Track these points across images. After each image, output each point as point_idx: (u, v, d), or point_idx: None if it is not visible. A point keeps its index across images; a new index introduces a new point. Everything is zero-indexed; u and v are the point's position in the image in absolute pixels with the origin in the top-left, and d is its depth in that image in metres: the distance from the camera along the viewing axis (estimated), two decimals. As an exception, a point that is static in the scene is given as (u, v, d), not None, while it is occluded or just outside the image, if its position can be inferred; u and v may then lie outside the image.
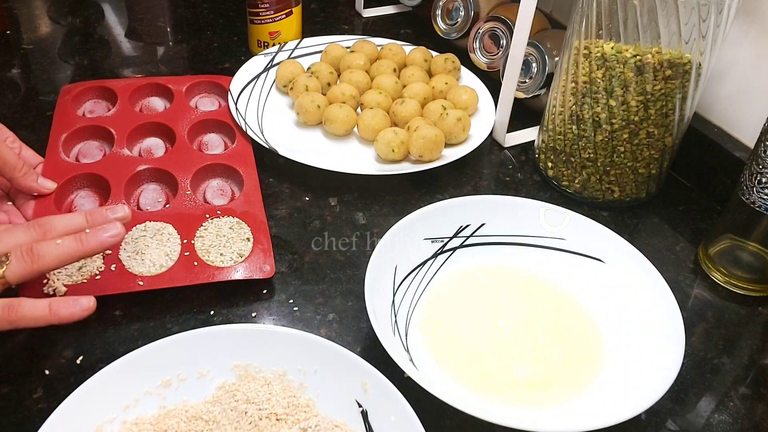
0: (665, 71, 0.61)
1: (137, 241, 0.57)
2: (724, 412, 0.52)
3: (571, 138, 0.68)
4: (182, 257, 0.57)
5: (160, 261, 0.56)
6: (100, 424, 0.44)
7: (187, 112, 0.74)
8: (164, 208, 0.62)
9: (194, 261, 0.57)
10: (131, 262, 0.56)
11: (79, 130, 0.70)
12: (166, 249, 0.57)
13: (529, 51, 0.76)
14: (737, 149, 0.69)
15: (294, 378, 0.48)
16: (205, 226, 0.60)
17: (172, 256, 0.57)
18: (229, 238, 0.59)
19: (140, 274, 0.55)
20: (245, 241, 0.59)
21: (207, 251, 0.58)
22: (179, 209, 0.62)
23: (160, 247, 0.57)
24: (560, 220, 0.61)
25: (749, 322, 0.60)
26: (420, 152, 0.69)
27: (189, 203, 0.63)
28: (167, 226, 0.60)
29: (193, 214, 0.61)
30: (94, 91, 0.76)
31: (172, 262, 0.56)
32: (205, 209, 0.62)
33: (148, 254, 0.56)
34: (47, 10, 0.98)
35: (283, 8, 0.86)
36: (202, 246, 0.58)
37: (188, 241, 0.59)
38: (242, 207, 0.63)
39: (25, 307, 0.46)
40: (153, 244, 0.57)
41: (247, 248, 0.59)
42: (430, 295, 0.58)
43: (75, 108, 0.74)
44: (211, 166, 0.67)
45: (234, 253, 0.58)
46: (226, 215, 0.62)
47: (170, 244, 0.58)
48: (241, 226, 0.61)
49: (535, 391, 0.51)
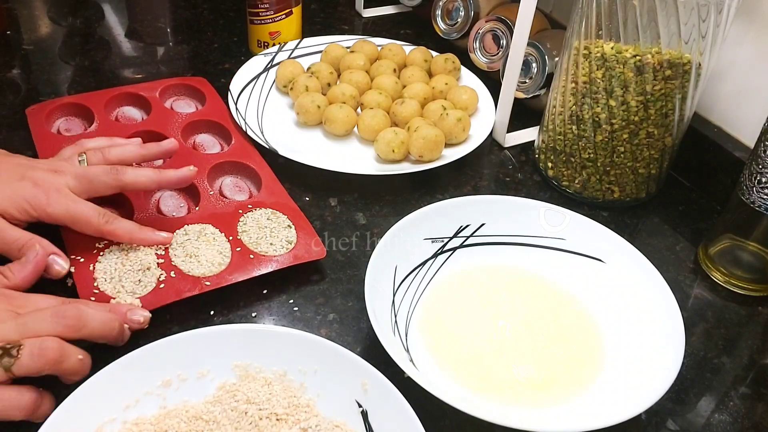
0: (665, 71, 0.61)
1: (185, 246, 0.57)
2: (724, 412, 0.52)
3: (571, 138, 0.68)
4: (235, 253, 0.58)
5: (217, 260, 0.57)
6: (101, 424, 0.44)
7: (171, 116, 0.74)
8: (196, 210, 0.62)
9: (249, 254, 0.58)
10: (188, 266, 0.56)
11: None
12: (218, 248, 0.58)
13: (529, 51, 0.76)
14: (737, 149, 0.69)
15: (294, 378, 0.48)
16: (244, 221, 0.61)
17: (225, 254, 0.57)
18: (272, 228, 0.61)
19: (203, 275, 0.55)
20: (288, 228, 0.61)
21: (257, 243, 0.59)
22: (212, 209, 0.62)
23: (210, 247, 0.58)
24: (560, 220, 0.61)
25: (749, 322, 0.60)
26: (420, 152, 0.69)
27: (218, 202, 0.63)
28: (207, 226, 0.60)
29: (226, 212, 0.62)
30: (63, 109, 0.72)
31: (228, 259, 0.57)
32: (237, 205, 0.63)
33: (202, 256, 0.57)
34: (47, 10, 0.98)
35: (283, 8, 0.86)
36: (250, 240, 0.59)
37: (233, 237, 0.59)
38: (269, 198, 0.64)
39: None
40: (202, 245, 0.58)
41: (293, 234, 0.60)
42: (430, 295, 0.58)
43: (50, 128, 0.70)
44: (220, 165, 0.68)
45: (282, 241, 0.59)
46: (258, 208, 0.63)
47: (219, 243, 0.58)
48: (277, 216, 0.62)
49: (535, 391, 0.51)
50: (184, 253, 0.57)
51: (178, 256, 0.57)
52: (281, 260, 0.58)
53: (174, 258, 0.56)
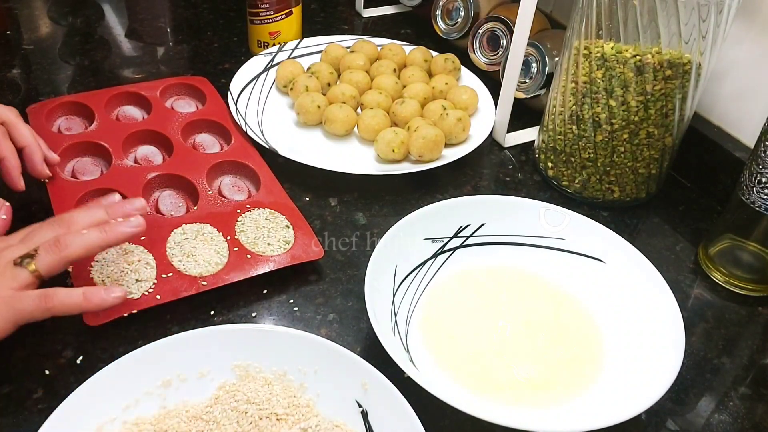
0: (665, 71, 0.61)
1: (182, 245, 0.58)
2: (724, 412, 0.52)
3: (571, 138, 0.68)
4: (233, 253, 0.58)
5: (215, 259, 0.57)
6: (101, 424, 0.44)
7: (172, 115, 0.74)
8: (194, 209, 0.62)
9: (246, 254, 0.58)
10: (186, 265, 0.56)
11: (68, 148, 0.67)
12: (215, 247, 0.58)
13: (529, 51, 0.76)
14: (737, 149, 0.69)
15: (294, 378, 0.48)
16: (241, 221, 0.61)
17: (223, 254, 0.57)
18: (270, 228, 0.61)
19: (199, 275, 0.55)
20: (285, 228, 0.61)
21: (254, 243, 0.59)
22: (209, 209, 0.62)
23: (207, 246, 0.58)
24: (560, 220, 0.61)
25: (749, 322, 0.60)
26: (420, 152, 0.69)
27: (216, 202, 0.63)
28: (205, 226, 0.60)
29: (224, 212, 0.62)
30: (64, 108, 0.72)
31: (225, 259, 0.57)
32: (234, 205, 0.63)
33: (199, 255, 0.57)
34: (47, 10, 0.98)
35: (283, 8, 0.86)
36: (247, 240, 0.59)
37: (231, 237, 0.59)
38: (268, 198, 0.64)
39: (61, 294, 0.48)
40: (200, 245, 0.58)
41: (290, 234, 0.60)
42: (430, 295, 0.58)
43: (50, 127, 0.70)
44: (219, 164, 0.68)
45: (280, 241, 0.60)
46: (256, 207, 0.63)
47: (216, 243, 0.58)
48: (275, 216, 0.62)
49: (535, 391, 0.51)
50: (182, 252, 0.57)
51: (175, 255, 0.57)
52: (278, 260, 0.58)
53: (171, 257, 0.56)
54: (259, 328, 0.49)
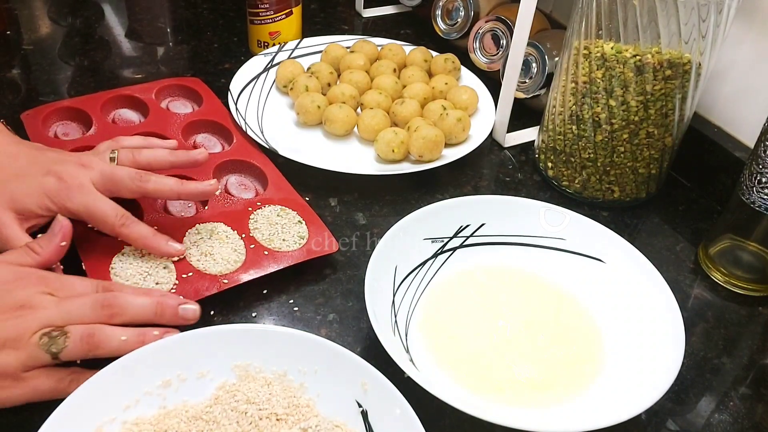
0: (665, 71, 0.61)
1: (198, 245, 0.58)
2: (724, 412, 0.52)
3: (571, 138, 0.68)
4: (250, 250, 0.58)
5: (233, 257, 0.57)
6: (100, 424, 0.44)
7: (171, 116, 0.73)
8: (205, 209, 0.62)
9: (263, 251, 0.58)
10: (205, 265, 0.56)
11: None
12: (232, 245, 0.58)
13: (529, 51, 0.76)
14: (737, 149, 0.69)
15: (294, 378, 0.48)
16: (254, 218, 0.61)
17: (240, 251, 0.58)
18: (283, 224, 0.61)
19: (219, 273, 0.55)
20: (299, 223, 0.61)
21: (270, 240, 0.59)
22: (221, 208, 0.62)
23: (224, 245, 0.58)
24: (560, 220, 0.61)
25: (749, 322, 0.60)
26: (420, 152, 0.69)
27: (226, 201, 0.63)
28: (218, 224, 0.60)
29: (235, 210, 0.62)
30: (59, 114, 0.71)
31: (243, 257, 0.57)
32: (245, 203, 0.63)
33: (217, 254, 0.57)
34: (47, 10, 0.98)
35: (283, 8, 0.86)
36: (263, 237, 0.59)
37: (246, 234, 0.59)
38: (277, 195, 0.65)
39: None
40: (216, 244, 0.58)
41: (304, 229, 0.61)
42: (430, 295, 0.58)
43: (47, 133, 0.69)
44: (224, 164, 0.68)
45: (295, 236, 0.60)
46: (267, 204, 0.63)
47: (232, 241, 0.59)
48: (286, 212, 0.62)
49: (535, 391, 0.51)
50: (199, 252, 0.57)
51: (193, 255, 0.57)
52: (296, 255, 0.58)
53: (189, 257, 0.56)
54: (259, 328, 0.49)
